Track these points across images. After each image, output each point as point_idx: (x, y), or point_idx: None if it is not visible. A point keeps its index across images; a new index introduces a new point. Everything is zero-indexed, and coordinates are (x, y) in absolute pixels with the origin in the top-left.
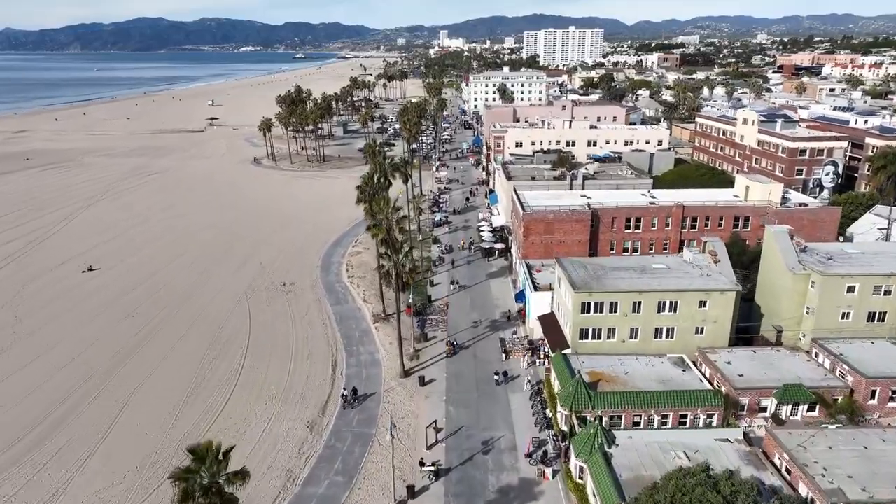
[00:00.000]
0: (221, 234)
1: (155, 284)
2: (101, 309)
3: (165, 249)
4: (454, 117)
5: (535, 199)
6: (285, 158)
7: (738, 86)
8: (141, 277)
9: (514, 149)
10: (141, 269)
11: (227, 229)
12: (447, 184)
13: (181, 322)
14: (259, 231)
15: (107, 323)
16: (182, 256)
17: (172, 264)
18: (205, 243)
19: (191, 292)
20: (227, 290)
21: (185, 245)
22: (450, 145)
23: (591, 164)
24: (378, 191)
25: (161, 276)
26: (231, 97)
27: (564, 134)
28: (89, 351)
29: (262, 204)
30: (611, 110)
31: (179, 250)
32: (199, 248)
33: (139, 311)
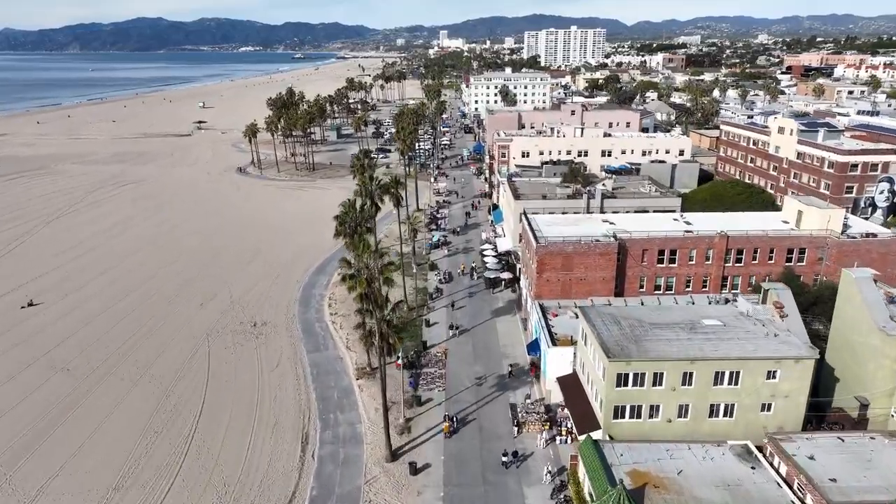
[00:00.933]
0: (191, 261)
1: (103, 325)
2: (31, 359)
3: (122, 280)
4: (453, 120)
5: (549, 225)
6: (273, 166)
7: (749, 87)
8: (88, 315)
9: (521, 159)
10: (90, 304)
11: (197, 254)
12: (446, 196)
13: (124, 380)
14: (234, 255)
15: (32, 379)
16: (140, 289)
17: (128, 299)
18: (170, 273)
19: (143, 337)
20: (187, 334)
21: (146, 275)
22: (449, 151)
23: (609, 179)
24: (361, 223)
25: (111, 314)
26: (224, 99)
27: (576, 143)
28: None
29: (242, 222)
30: (624, 115)
31: (138, 281)
32: (162, 279)
33: (76, 363)
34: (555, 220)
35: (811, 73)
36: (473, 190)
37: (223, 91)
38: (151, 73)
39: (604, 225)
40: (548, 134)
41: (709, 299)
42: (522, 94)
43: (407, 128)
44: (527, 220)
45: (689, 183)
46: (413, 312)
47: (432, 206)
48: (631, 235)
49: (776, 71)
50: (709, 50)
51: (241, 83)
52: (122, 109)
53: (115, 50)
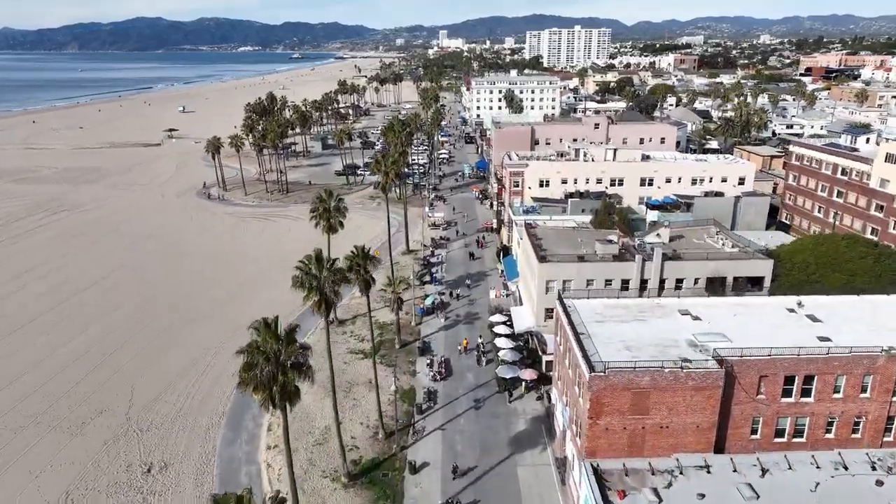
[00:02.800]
0: (86, 348)
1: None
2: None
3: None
4: (453, 126)
5: (599, 321)
6: (241, 186)
7: (775, 91)
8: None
9: (538, 189)
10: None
11: (104, 332)
12: (444, 229)
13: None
14: (158, 328)
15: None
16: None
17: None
18: (52, 367)
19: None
20: (42, 491)
21: (18, 368)
22: (448, 167)
23: (664, 227)
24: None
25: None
26: (209, 101)
27: (608, 169)
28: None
29: (185, 270)
30: (657, 130)
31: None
32: (38, 376)
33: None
34: (607, 310)
35: (833, 74)
36: (477, 219)
37: (210, 93)
38: (143, 73)
39: (683, 322)
40: (571, 156)
41: (870, 460)
42: (529, 100)
43: (392, 154)
44: (565, 316)
45: (757, 222)
46: (392, 440)
47: (426, 245)
48: (742, 353)
49: (794, 72)
50: (714, 50)
51: (230, 85)
52: (95, 114)
53: (113, 50)
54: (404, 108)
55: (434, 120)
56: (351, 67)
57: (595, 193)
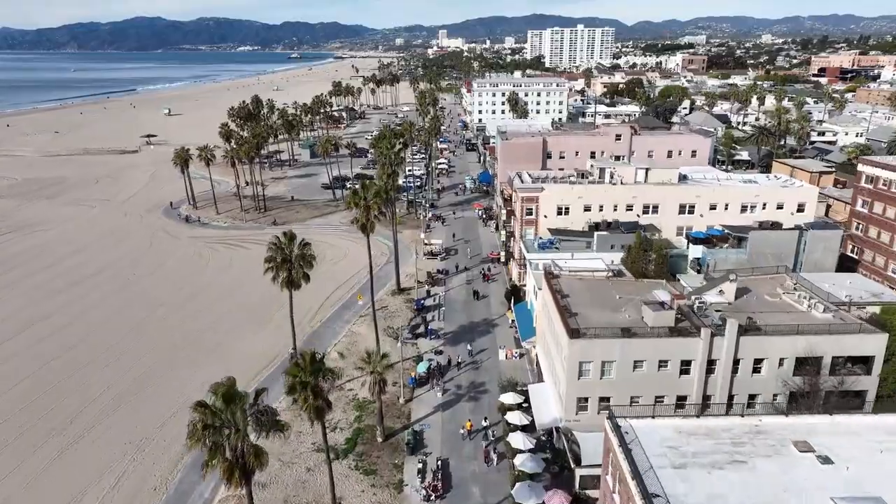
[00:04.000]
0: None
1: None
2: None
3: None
4: (453, 131)
5: (680, 469)
6: (213, 203)
7: (794, 94)
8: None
9: (556, 218)
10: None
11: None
12: (442, 258)
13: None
14: (77, 403)
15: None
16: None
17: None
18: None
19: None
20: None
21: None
22: (447, 179)
23: (730, 282)
24: None
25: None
26: (198, 104)
27: (641, 193)
28: None
29: (119, 332)
30: (688, 141)
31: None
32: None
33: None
34: (684, 441)
35: (849, 75)
36: (481, 244)
37: (200, 94)
38: (137, 73)
39: (807, 467)
40: (594, 176)
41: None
42: (535, 103)
43: (377, 181)
44: (625, 455)
45: (826, 261)
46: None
47: (421, 281)
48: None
49: (805, 73)
50: (718, 50)
51: (223, 85)
52: (75, 117)
53: (112, 49)
54: (401, 110)
55: (432, 128)
56: (348, 67)
57: (626, 224)
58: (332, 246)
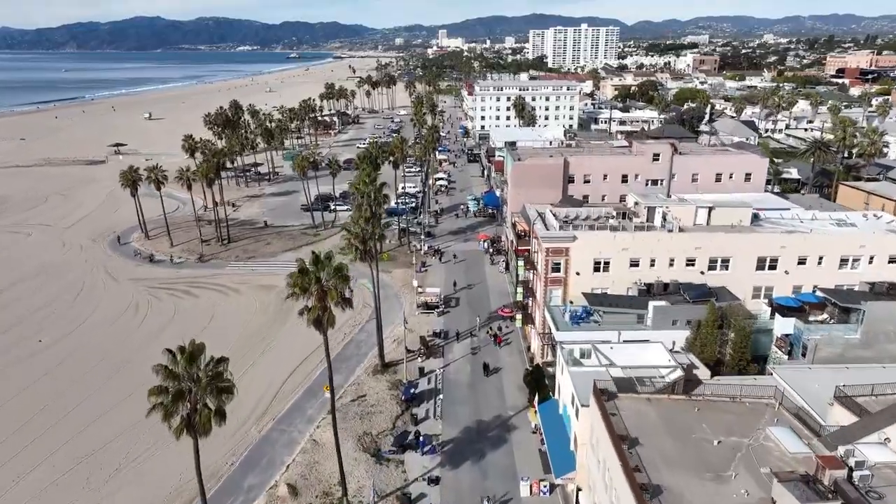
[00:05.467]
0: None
1: None
2: None
3: None
4: (453, 138)
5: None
6: (168, 233)
7: (825, 98)
8: None
9: (591, 276)
10: None
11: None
12: (440, 311)
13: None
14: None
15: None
16: None
17: None
18: None
19: None
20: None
21: None
22: (447, 197)
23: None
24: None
25: None
26: (185, 106)
27: (707, 243)
28: None
29: (6, 416)
30: (740, 162)
31: None
32: None
33: None
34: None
35: (870, 76)
36: (488, 292)
37: (188, 96)
38: (131, 73)
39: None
40: (640, 218)
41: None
42: (543, 109)
43: (342, 255)
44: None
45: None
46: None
47: (411, 350)
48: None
49: (821, 74)
50: (723, 50)
51: (215, 87)
52: (51, 121)
53: (112, 49)
54: (398, 114)
55: (429, 141)
56: (345, 68)
57: (691, 289)
58: None
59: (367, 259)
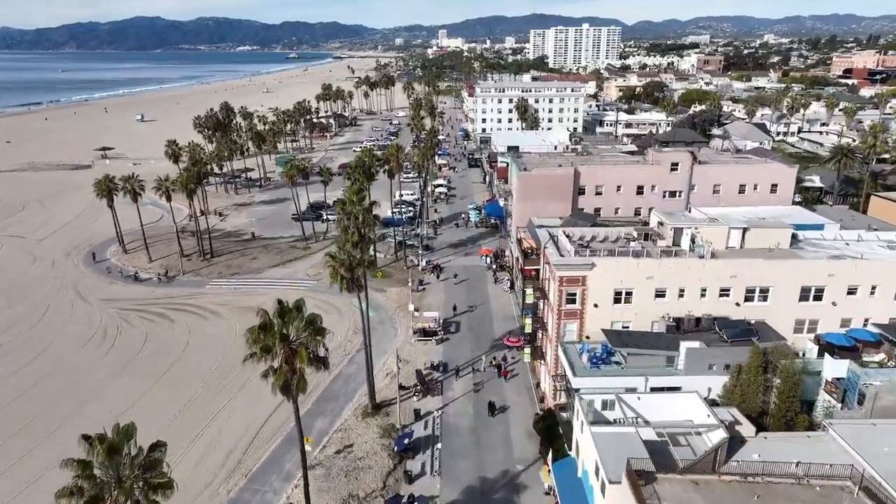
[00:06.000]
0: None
1: None
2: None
3: None
4: (453, 141)
5: None
6: (146, 247)
7: (836, 99)
8: None
9: (610, 308)
10: None
11: None
12: (439, 339)
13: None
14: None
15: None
16: None
17: None
18: None
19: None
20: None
21: None
22: (446, 205)
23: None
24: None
25: None
26: (179, 107)
27: (744, 272)
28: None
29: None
30: (766, 172)
31: None
32: None
33: None
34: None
35: (880, 77)
36: (491, 314)
37: (184, 97)
38: (128, 73)
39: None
40: (665, 240)
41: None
42: (547, 111)
43: (303, 308)
44: None
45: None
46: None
47: (405, 387)
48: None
49: (828, 74)
50: (725, 50)
51: (212, 87)
52: (40, 123)
53: (112, 49)
54: (397, 115)
55: (428, 147)
56: (344, 68)
57: (728, 326)
58: None
59: (354, 289)
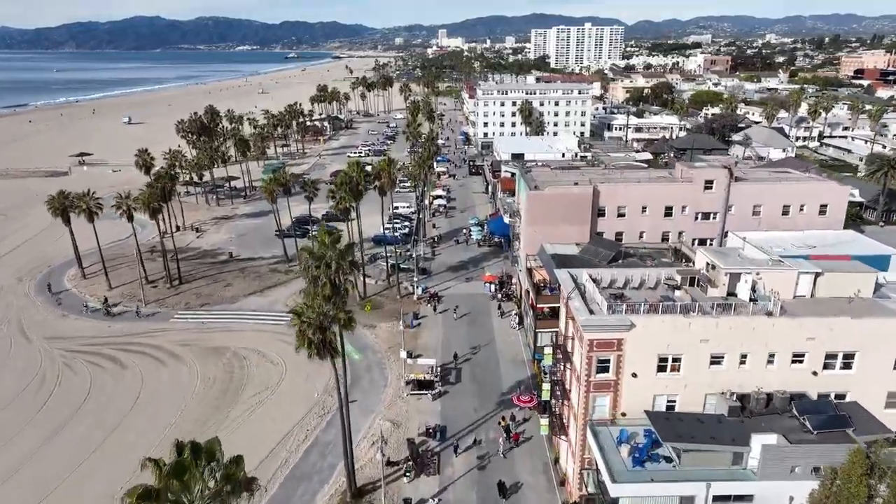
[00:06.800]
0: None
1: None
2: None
3: None
4: (453, 145)
5: None
6: (105, 273)
7: (856, 101)
8: None
9: (652, 378)
10: None
11: None
12: (436, 393)
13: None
14: None
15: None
16: None
17: None
18: None
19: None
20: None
21: None
22: (446, 220)
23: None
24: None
25: None
26: (170, 109)
27: (823, 334)
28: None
29: None
30: (815, 191)
31: None
32: None
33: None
34: None
35: (892, 77)
36: (498, 359)
37: (176, 98)
38: (124, 73)
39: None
40: (717, 285)
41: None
42: (552, 114)
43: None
44: None
45: None
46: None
47: (394, 463)
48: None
49: (838, 75)
50: (727, 50)
51: (207, 88)
52: (23, 126)
53: (111, 49)
54: (394, 117)
55: (426, 158)
56: (342, 68)
57: (806, 407)
58: (264, 358)
59: (325, 354)
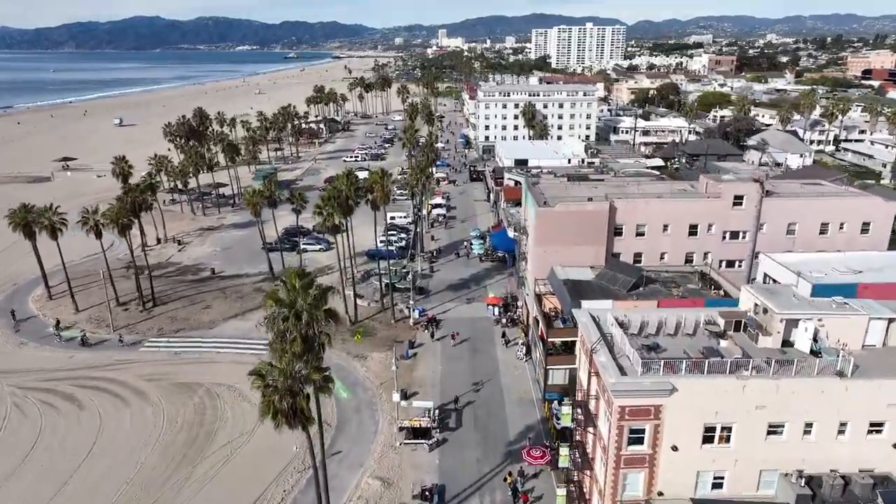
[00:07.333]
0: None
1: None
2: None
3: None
4: (451, 149)
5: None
6: (71, 295)
7: (871, 103)
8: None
9: (700, 450)
10: None
11: None
12: (434, 442)
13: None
14: None
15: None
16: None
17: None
18: None
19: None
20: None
21: None
22: (445, 231)
23: None
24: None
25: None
26: (164, 110)
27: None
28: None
29: None
30: (856, 208)
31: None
32: None
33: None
34: None
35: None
36: (503, 397)
37: (172, 99)
38: (122, 73)
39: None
40: (770, 332)
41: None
42: (556, 117)
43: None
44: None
45: None
46: None
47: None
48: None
49: (845, 75)
50: (729, 50)
51: (203, 88)
52: (11, 128)
53: (111, 49)
54: (393, 119)
55: (424, 167)
56: (342, 68)
57: (894, 496)
58: (240, 397)
59: (296, 423)
